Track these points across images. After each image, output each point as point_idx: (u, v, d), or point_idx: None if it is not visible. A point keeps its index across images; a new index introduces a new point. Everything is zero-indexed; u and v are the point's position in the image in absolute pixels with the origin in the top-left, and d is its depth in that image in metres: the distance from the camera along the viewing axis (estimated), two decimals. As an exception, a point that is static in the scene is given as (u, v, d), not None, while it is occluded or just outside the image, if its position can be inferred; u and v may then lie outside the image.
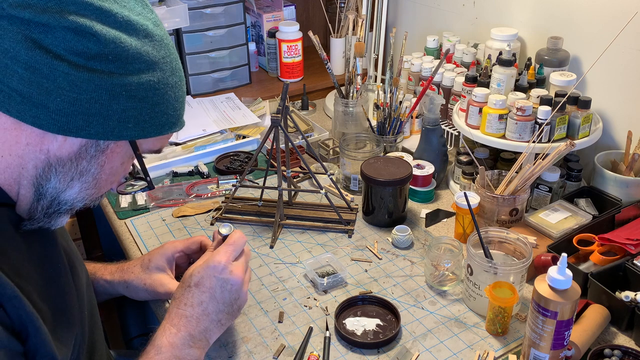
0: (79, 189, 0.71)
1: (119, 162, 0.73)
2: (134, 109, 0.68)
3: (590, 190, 1.27)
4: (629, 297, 0.98)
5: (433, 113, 1.36)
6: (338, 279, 1.11)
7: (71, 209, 0.73)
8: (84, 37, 0.63)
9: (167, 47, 0.71)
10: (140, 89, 0.67)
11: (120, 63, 0.65)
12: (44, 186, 0.69)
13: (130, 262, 1.05)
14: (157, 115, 0.71)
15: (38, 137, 0.66)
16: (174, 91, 0.73)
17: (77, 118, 0.65)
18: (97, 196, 0.75)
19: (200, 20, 1.80)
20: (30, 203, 0.70)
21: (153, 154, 0.80)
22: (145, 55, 0.67)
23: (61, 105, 0.63)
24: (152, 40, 0.69)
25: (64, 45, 0.62)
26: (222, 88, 1.93)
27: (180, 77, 0.74)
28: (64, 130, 0.65)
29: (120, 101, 0.66)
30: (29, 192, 0.69)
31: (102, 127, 0.66)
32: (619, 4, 1.28)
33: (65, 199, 0.71)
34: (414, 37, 1.90)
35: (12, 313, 0.64)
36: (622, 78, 1.32)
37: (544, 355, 0.88)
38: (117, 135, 0.68)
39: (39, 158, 0.67)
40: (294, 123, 1.28)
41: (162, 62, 0.70)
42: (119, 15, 0.65)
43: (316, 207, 1.34)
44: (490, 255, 1.04)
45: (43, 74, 0.62)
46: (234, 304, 0.90)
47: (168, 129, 0.74)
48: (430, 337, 0.99)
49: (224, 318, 0.89)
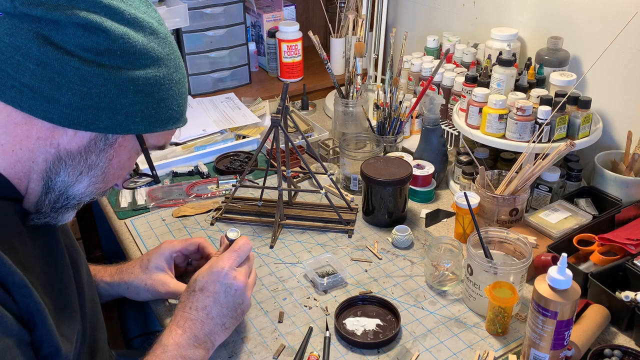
0: (88, 183, 0.72)
1: (126, 156, 0.75)
2: (140, 103, 0.70)
3: (590, 190, 1.27)
4: (629, 297, 0.98)
5: (433, 113, 1.36)
6: (338, 279, 1.11)
7: (79, 203, 0.75)
8: (94, 33, 0.65)
9: (170, 44, 0.74)
10: (147, 84, 0.70)
11: (128, 58, 0.67)
12: (53, 180, 0.70)
13: (129, 263, 1.05)
14: (162, 110, 0.73)
15: (49, 132, 0.67)
16: (178, 87, 0.75)
17: (87, 112, 0.66)
18: (104, 190, 0.76)
19: (200, 20, 1.80)
20: (38, 196, 0.71)
21: (156, 151, 0.81)
22: (152, 51, 0.70)
23: (72, 99, 0.65)
24: (158, 37, 0.71)
25: (75, 41, 0.64)
26: (222, 88, 1.93)
27: (183, 74, 0.77)
28: (75, 124, 0.67)
29: (128, 95, 0.68)
30: (38, 185, 0.70)
31: (110, 121, 0.68)
32: (619, 4, 1.28)
33: (73, 193, 0.72)
34: (414, 37, 1.90)
35: (20, 302, 0.65)
36: (622, 78, 1.32)
37: (544, 355, 0.88)
38: (125, 129, 0.70)
39: (49, 152, 0.68)
40: (294, 123, 1.28)
41: (167, 58, 0.72)
42: (126, 12, 0.68)
43: (316, 207, 1.34)
44: (490, 255, 1.04)
45: (54, 69, 0.64)
46: (237, 309, 0.91)
47: (173, 124, 0.76)
48: (430, 337, 0.99)
49: (228, 322, 0.91)
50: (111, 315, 1.85)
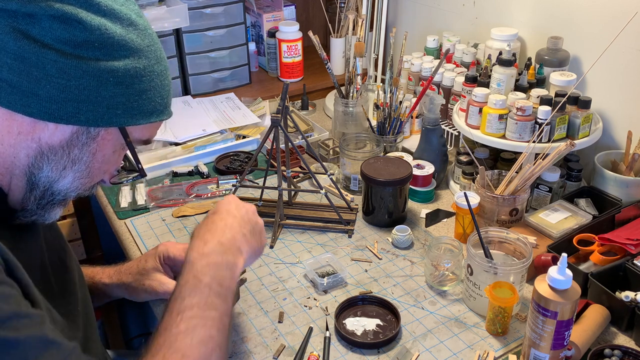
0: (72, 178, 0.72)
1: (110, 150, 0.74)
2: (121, 95, 0.69)
3: (590, 190, 1.27)
4: (629, 297, 0.98)
5: (433, 113, 1.36)
6: (338, 279, 1.11)
7: (64, 199, 0.74)
8: (70, 25, 0.64)
9: (150, 36, 0.73)
10: (127, 75, 0.69)
11: (106, 50, 0.67)
12: (37, 175, 0.70)
13: (128, 264, 1.05)
14: (144, 102, 0.72)
15: (29, 126, 0.67)
16: (160, 79, 0.74)
17: (67, 105, 0.66)
18: (90, 185, 0.76)
19: (200, 20, 1.80)
20: (23, 193, 0.71)
21: (143, 146, 0.81)
22: (130, 42, 0.69)
23: (51, 92, 0.65)
24: (137, 29, 0.71)
25: (51, 34, 0.64)
26: (222, 88, 1.93)
27: (166, 67, 0.76)
28: (55, 117, 0.66)
29: (108, 87, 0.68)
30: (22, 181, 0.70)
31: (92, 114, 0.68)
32: (619, 4, 1.28)
33: (58, 189, 0.72)
34: (414, 37, 1.90)
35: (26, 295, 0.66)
36: (622, 78, 1.32)
37: (544, 355, 0.88)
38: (107, 121, 0.69)
39: (31, 147, 0.68)
40: (294, 123, 1.28)
41: (147, 50, 0.72)
42: (102, 3, 0.67)
43: (316, 207, 1.34)
44: (490, 255, 1.04)
45: (32, 62, 0.63)
46: (253, 225, 0.87)
47: (156, 116, 0.75)
48: (430, 337, 0.99)
49: (248, 233, 0.85)
50: (111, 315, 1.86)
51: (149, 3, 1.68)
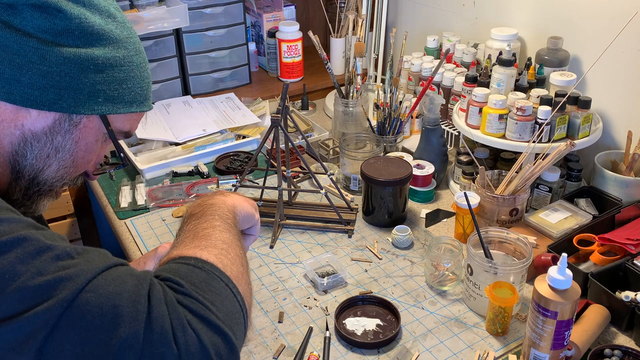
0: (57, 167, 0.73)
1: (92, 138, 0.75)
2: (102, 83, 0.71)
3: (590, 190, 1.27)
4: (629, 297, 0.98)
5: (433, 113, 1.36)
6: (338, 279, 1.11)
7: (51, 190, 0.75)
8: (50, 14, 0.66)
9: (129, 29, 0.75)
10: (107, 64, 0.71)
11: (87, 38, 0.69)
12: (21, 163, 0.70)
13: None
14: (124, 92, 0.74)
15: (12, 113, 0.67)
16: (140, 71, 0.76)
17: (49, 91, 0.67)
18: (75, 175, 0.76)
19: (200, 20, 1.80)
20: (9, 183, 0.71)
21: (125, 139, 0.81)
22: (110, 32, 0.71)
23: (33, 78, 0.66)
24: (115, 21, 0.73)
25: (32, 23, 0.65)
26: (222, 88, 1.93)
27: (144, 59, 0.77)
28: (37, 103, 0.67)
29: (89, 74, 0.69)
30: (6, 170, 0.70)
31: (73, 101, 0.69)
32: (619, 4, 1.28)
33: (44, 178, 0.73)
34: (414, 37, 1.90)
35: None
36: (622, 78, 1.32)
37: (544, 355, 0.88)
38: (89, 109, 0.71)
39: (14, 134, 0.68)
40: (294, 123, 1.28)
41: (126, 41, 0.73)
42: None
43: (316, 207, 1.34)
44: (490, 255, 1.04)
45: (13, 50, 0.65)
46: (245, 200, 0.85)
47: (136, 106, 0.76)
48: (430, 337, 0.99)
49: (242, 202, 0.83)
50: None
51: (149, 3, 1.68)
